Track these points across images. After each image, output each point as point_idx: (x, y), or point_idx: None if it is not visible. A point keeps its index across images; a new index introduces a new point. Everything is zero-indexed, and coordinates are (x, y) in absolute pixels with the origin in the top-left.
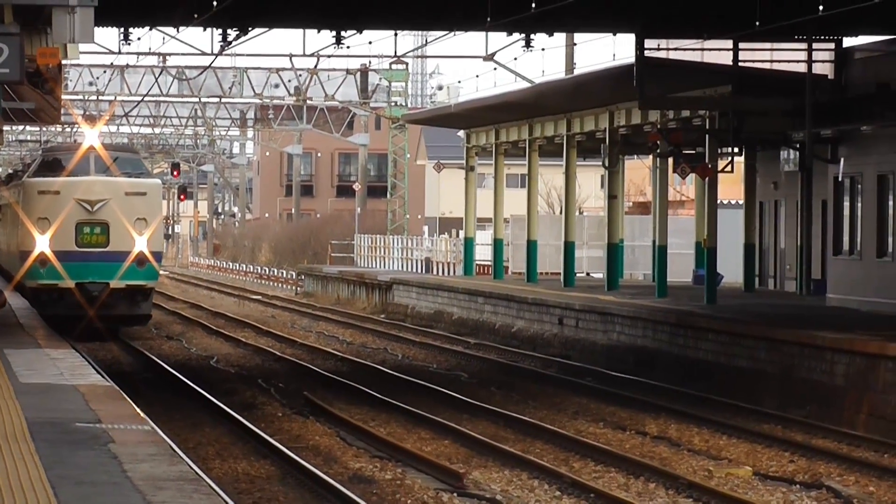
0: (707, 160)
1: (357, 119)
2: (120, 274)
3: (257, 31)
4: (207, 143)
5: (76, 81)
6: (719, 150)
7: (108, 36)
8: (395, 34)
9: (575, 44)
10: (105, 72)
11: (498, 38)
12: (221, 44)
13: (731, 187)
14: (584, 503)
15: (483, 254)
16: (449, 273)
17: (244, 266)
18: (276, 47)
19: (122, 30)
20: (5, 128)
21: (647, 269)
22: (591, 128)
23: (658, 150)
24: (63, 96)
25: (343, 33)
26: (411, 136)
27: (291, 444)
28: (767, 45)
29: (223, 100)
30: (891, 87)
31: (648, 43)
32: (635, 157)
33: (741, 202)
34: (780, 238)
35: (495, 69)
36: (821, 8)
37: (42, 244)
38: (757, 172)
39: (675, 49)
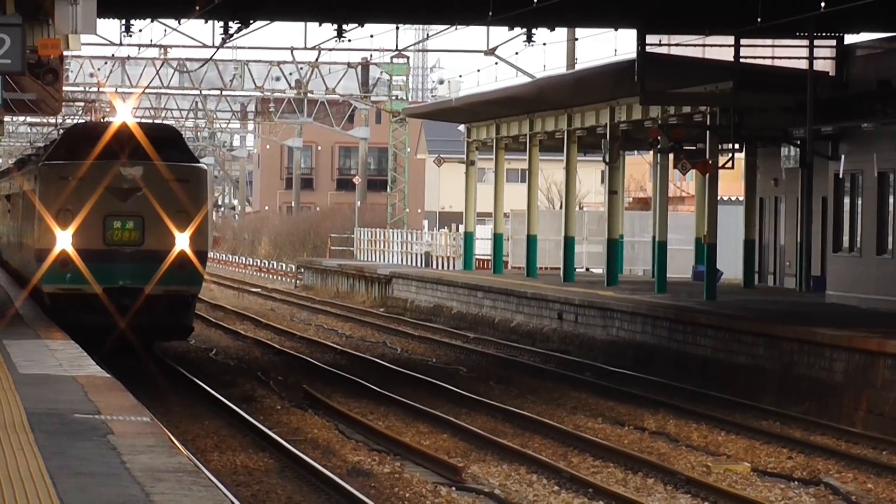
0: (707, 156)
1: (358, 112)
2: (157, 278)
3: (258, 23)
4: (208, 135)
5: (77, 73)
6: (720, 147)
7: (109, 27)
8: (397, 28)
9: (576, 39)
10: (106, 63)
11: (499, 33)
12: (223, 36)
13: (731, 184)
14: (583, 498)
15: (483, 248)
16: (448, 267)
17: (244, 259)
18: (277, 40)
19: (123, 21)
20: (5, 118)
21: (646, 265)
22: (591, 123)
23: (659, 146)
24: (64, 88)
25: (344, 26)
26: (412, 130)
27: (290, 436)
28: (769, 42)
29: (224, 92)
30: (892, 85)
31: (650, 38)
32: (636, 152)
33: (741, 198)
34: (780, 235)
35: (496, 64)
36: (822, 5)
37: (63, 241)
38: (757, 169)
39: (677, 45)
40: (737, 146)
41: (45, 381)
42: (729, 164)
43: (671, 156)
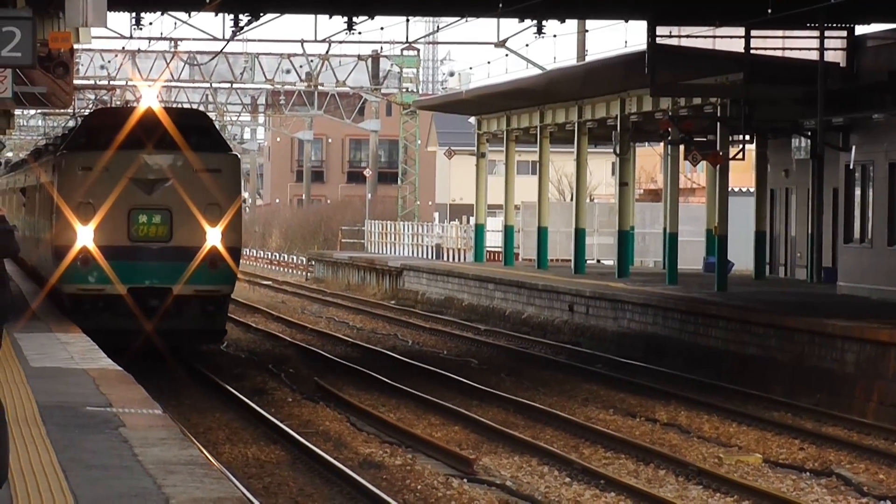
0: (718, 148)
1: (368, 105)
2: (186, 277)
3: (269, 16)
4: (219, 128)
5: (87, 66)
6: (730, 138)
7: (119, 21)
8: (407, 20)
9: (587, 30)
10: (116, 56)
11: (510, 25)
12: (233, 29)
13: (742, 175)
14: (595, 490)
15: (493, 240)
16: (459, 259)
17: (255, 251)
18: (287, 33)
19: (133, 14)
20: (16, 111)
21: (657, 257)
22: (602, 115)
23: (669, 138)
24: (75, 81)
25: (355, 19)
26: (422, 122)
27: (301, 429)
28: (779, 33)
29: (234, 85)
30: None
31: (660, 30)
32: (646, 144)
33: (752, 190)
34: (791, 226)
35: (507, 56)
36: None
37: (84, 238)
38: (768, 160)
39: (687, 36)
40: (747, 137)
41: (57, 374)
42: (739, 156)
43: (682, 147)
